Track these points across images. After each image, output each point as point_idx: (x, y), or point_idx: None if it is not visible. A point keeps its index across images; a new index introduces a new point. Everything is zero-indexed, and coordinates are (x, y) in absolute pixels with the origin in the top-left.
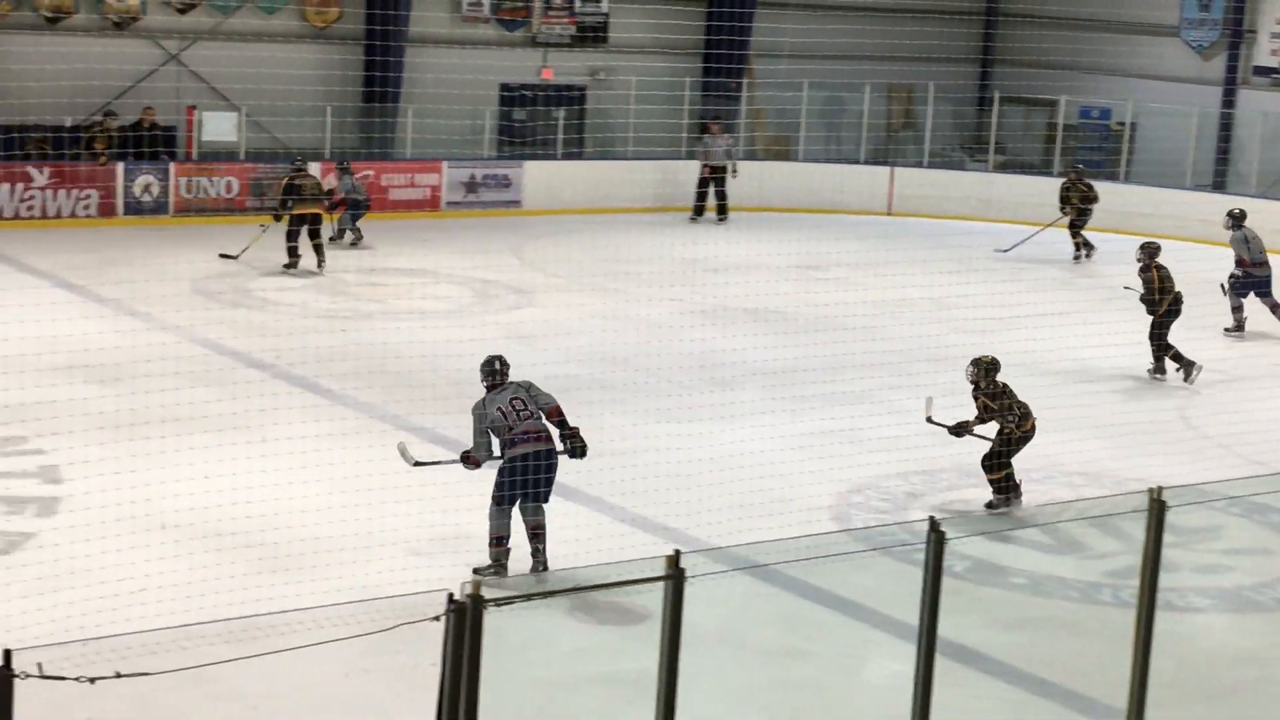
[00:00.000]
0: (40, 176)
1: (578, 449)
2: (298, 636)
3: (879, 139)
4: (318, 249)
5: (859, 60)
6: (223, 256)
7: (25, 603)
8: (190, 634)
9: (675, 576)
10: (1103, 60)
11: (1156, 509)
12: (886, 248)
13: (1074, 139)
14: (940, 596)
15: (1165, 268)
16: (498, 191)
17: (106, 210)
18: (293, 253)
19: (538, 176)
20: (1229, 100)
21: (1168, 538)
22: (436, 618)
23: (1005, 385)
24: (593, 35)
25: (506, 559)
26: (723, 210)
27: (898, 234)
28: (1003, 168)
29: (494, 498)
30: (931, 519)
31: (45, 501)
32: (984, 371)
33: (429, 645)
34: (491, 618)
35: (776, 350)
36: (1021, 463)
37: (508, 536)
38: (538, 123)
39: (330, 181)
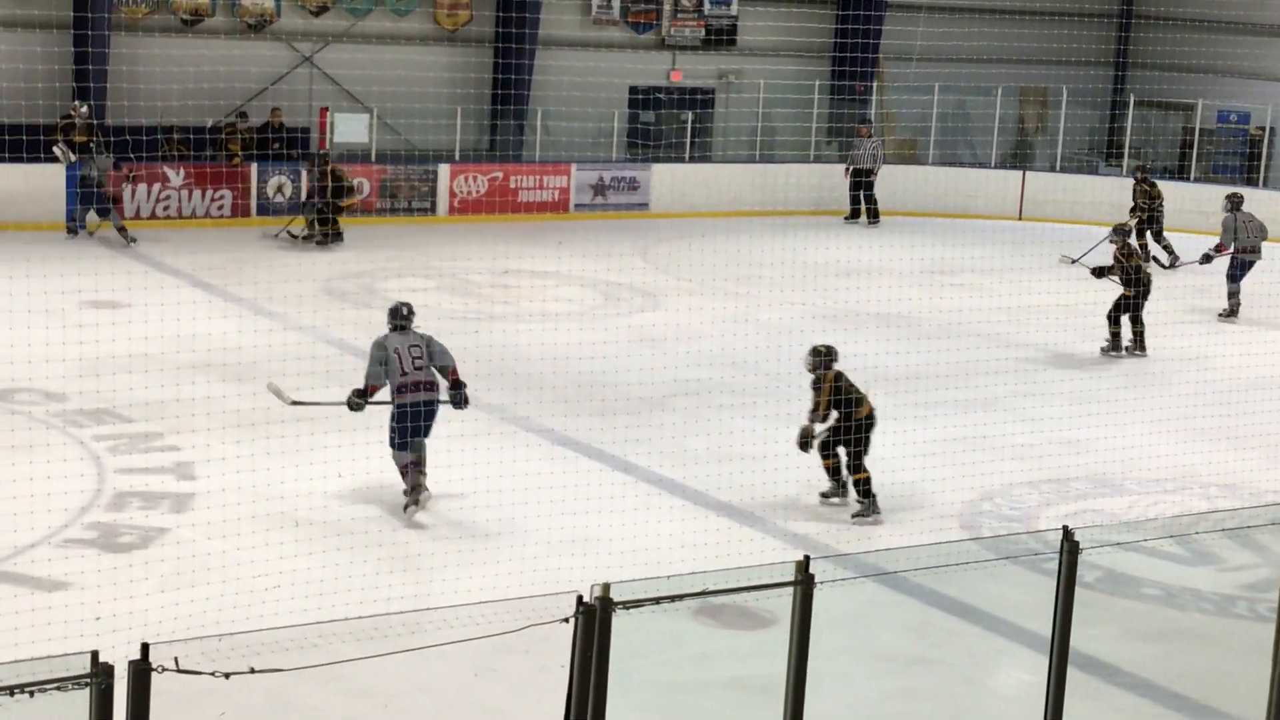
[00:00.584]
0: (176, 177)
1: (461, 399)
2: (427, 636)
3: (1010, 143)
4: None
5: (990, 63)
6: (273, 235)
7: (161, 597)
8: (322, 631)
9: (804, 582)
10: (1242, 63)
11: None
12: (1017, 253)
13: (1211, 144)
14: (1073, 607)
15: (1138, 249)
16: (626, 194)
17: (240, 210)
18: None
19: (666, 179)
20: None
21: None
22: (566, 619)
23: (839, 374)
24: (722, 38)
25: (422, 479)
26: (873, 213)
27: (1029, 239)
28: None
29: (391, 442)
30: (1065, 528)
31: (179, 498)
32: (821, 361)
33: (556, 647)
34: (618, 620)
35: (904, 356)
36: (1157, 474)
37: (416, 462)
38: (666, 125)
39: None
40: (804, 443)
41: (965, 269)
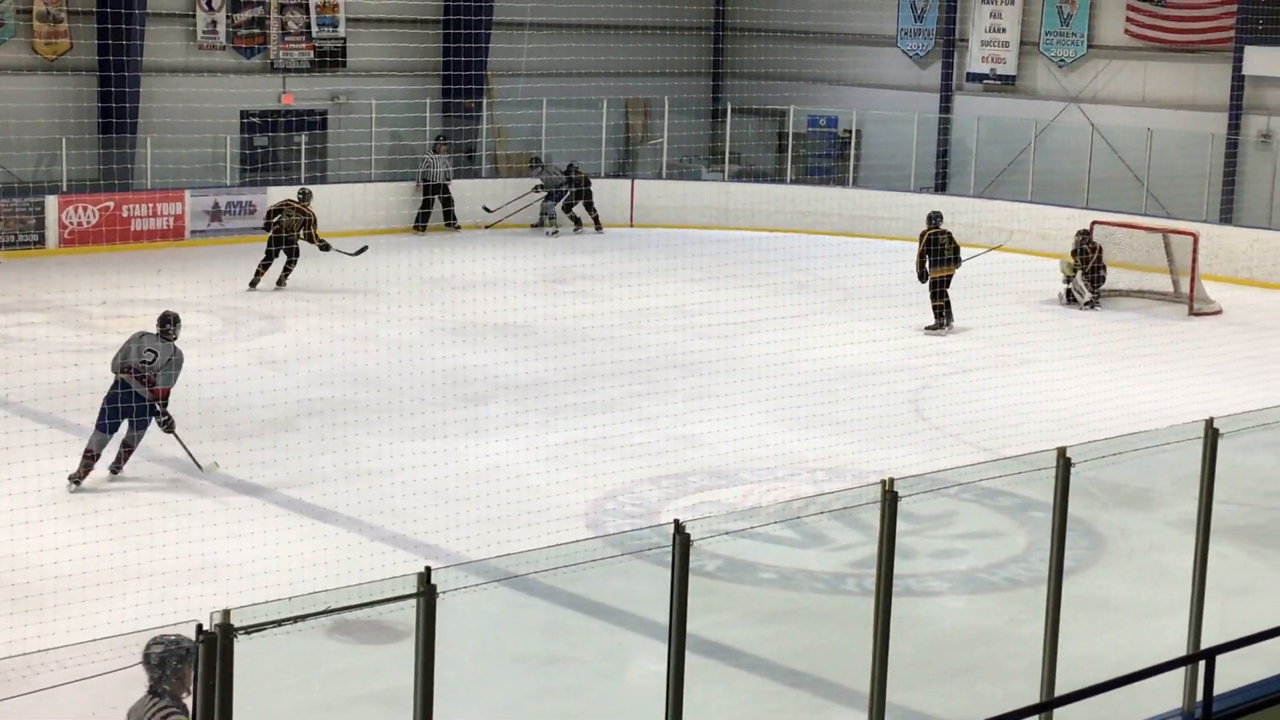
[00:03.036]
0: None
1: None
2: (42, 678)
3: (619, 153)
4: None
5: (596, 77)
6: None
7: None
8: None
9: (426, 593)
10: (827, 71)
11: (889, 499)
12: (629, 258)
13: (803, 147)
14: (689, 596)
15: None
16: (243, 218)
17: None
18: None
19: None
20: (946, 106)
21: (906, 525)
22: None
23: None
24: (331, 60)
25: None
26: (451, 218)
27: (640, 245)
28: (738, 177)
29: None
30: (676, 522)
31: None
32: None
33: None
34: (251, 644)
35: (525, 364)
36: (768, 462)
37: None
38: (281, 148)
39: None
40: None
41: (580, 276)
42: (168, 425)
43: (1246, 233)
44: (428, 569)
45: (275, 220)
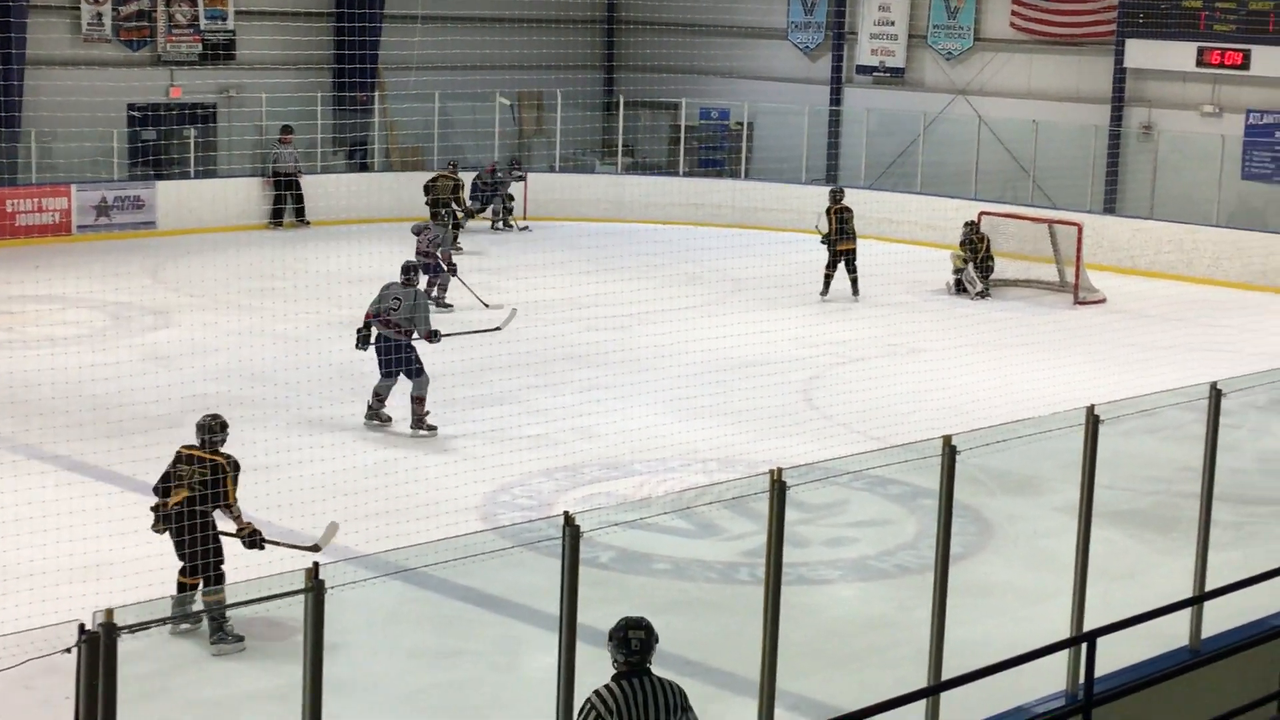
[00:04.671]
0: None
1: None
2: None
3: (512, 146)
4: None
5: (488, 70)
6: None
7: None
8: None
9: (315, 589)
10: (719, 63)
11: (778, 489)
12: (522, 251)
13: (696, 139)
14: (579, 588)
15: None
16: (131, 213)
17: None
18: None
19: (172, 196)
20: (836, 98)
21: (797, 514)
22: (68, 650)
23: None
24: (220, 53)
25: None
26: (301, 214)
27: (533, 238)
28: (631, 169)
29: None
30: (566, 514)
31: None
32: None
33: (63, 678)
34: (142, 642)
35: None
36: (661, 453)
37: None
38: (169, 142)
39: None
40: None
41: (474, 269)
42: (435, 338)
43: (1129, 222)
44: (315, 564)
45: (430, 195)
